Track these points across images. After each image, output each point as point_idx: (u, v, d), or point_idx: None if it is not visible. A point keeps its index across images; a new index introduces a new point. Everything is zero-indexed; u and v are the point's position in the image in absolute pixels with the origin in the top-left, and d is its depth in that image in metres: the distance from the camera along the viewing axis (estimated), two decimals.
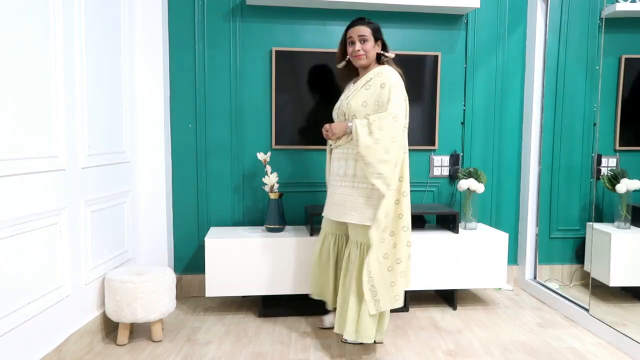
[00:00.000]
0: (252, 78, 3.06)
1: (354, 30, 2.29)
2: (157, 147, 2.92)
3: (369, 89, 2.23)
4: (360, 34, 2.27)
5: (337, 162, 2.35)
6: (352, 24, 2.32)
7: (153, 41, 2.86)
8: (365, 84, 2.26)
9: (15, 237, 1.83)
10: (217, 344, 2.44)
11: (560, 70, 3.15)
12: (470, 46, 3.19)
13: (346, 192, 2.27)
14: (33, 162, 1.92)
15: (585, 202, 3.21)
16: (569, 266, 3.28)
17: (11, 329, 1.81)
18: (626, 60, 2.98)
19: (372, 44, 2.28)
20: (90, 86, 2.33)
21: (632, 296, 2.98)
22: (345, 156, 2.30)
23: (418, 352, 2.37)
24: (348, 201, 2.26)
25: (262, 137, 3.09)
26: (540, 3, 3.13)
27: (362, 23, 2.29)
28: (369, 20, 2.31)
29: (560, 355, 2.35)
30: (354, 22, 2.31)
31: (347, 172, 2.28)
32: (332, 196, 2.37)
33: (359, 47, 2.26)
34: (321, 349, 2.39)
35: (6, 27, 1.76)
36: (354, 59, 2.32)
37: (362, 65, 2.31)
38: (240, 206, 3.12)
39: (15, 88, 1.82)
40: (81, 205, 2.27)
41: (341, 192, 2.29)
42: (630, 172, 2.91)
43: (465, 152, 3.25)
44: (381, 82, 2.21)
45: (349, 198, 2.26)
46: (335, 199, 2.33)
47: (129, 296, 2.32)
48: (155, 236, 2.95)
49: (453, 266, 2.85)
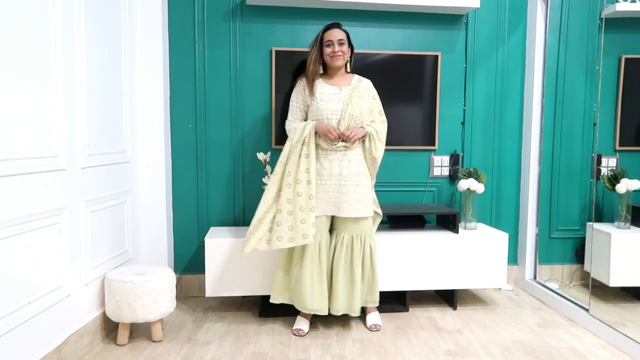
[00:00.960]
0: (252, 78, 3.06)
1: (332, 33, 2.51)
2: (157, 147, 2.92)
3: (362, 98, 2.55)
4: (339, 37, 2.50)
5: (339, 163, 2.51)
6: (329, 27, 2.54)
7: (153, 41, 2.86)
8: (357, 94, 2.54)
9: (15, 237, 1.83)
10: (217, 344, 2.44)
11: (560, 70, 3.15)
12: (470, 46, 3.19)
13: (360, 190, 2.52)
14: (33, 162, 1.92)
15: (585, 202, 3.21)
16: (569, 266, 3.28)
17: (11, 329, 1.81)
18: (626, 60, 2.98)
19: (347, 47, 2.54)
20: (90, 86, 2.33)
21: (632, 296, 2.98)
22: (351, 157, 2.52)
23: (418, 352, 2.38)
24: (363, 198, 2.52)
25: (262, 137, 3.10)
26: (540, 3, 3.13)
27: (339, 27, 2.55)
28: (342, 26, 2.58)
29: (560, 355, 2.35)
30: (330, 26, 2.54)
31: (358, 171, 2.52)
32: (340, 195, 2.49)
33: (338, 48, 2.49)
34: (321, 349, 2.39)
35: (6, 27, 1.77)
36: (331, 60, 2.52)
37: (339, 65, 2.55)
38: (240, 206, 3.12)
39: (15, 88, 1.82)
40: (81, 205, 2.27)
41: (354, 190, 2.51)
42: (630, 172, 2.91)
43: (465, 152, 3.25)
44: (372, 94, 2.61)
45: (363, 196, 2.52)
46: (347, 197, 2.50)
47: (129, 296, 2.32)
48: (155, 236, 2.95)
49: (453, 266, 2.85)
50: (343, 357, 2.32)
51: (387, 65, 3.08)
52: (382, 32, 3.12)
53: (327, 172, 2.50)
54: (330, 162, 2.50)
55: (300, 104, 2.61)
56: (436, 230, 2.99)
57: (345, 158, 2.51)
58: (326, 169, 2.51)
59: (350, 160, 2.51)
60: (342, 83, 2.57)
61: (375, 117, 2.59)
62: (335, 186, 2.50)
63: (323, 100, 2.52)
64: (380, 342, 2.48)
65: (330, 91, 2.54)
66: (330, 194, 2.51)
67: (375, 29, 3.11)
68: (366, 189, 2.55)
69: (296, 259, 2.54)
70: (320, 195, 2.51)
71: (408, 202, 3.22)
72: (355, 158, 2.53)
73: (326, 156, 2.51)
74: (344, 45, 2.51)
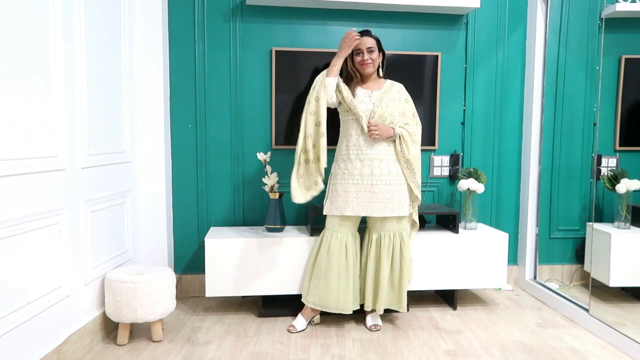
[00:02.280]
0: (252, 78, 3.06)
1: (362, 42, 2.54)
2: (157, 147, 2.92)
3: (394, 101, 2.58)
4: (368, 45, 2.54)
5: (370, 163, 2.54)
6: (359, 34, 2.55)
7: (153, 41, 2.86)
8: (389, 97, 2.57)
9: (15, 237, 1.83)
10: (217, 344, 2.44)
11: (560, 71, 3.15)
12: (470, 46, 3.19)
13: (393, 189, 2.54)
14: (33, 162, 1.92)
15: (585, 202, 3.21)
16: (569, 266, 3.28)
17: (11, 329, 1.81)
18: (626, 60, 2.98)
19: (377, 54, 2.57)
20: (91, 86, 2.33)
21: (632, 296, 2.98)
22: (382, 157, 2.54)
23: (418, 352, 2.38)
24: (396, 197, 2.55)
25: (262, 137, 3.10)
26: (540, 3, 3.13)
27: (369, 34, 2.58)
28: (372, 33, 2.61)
29: (560, 355, 2.35)
30: (361, 34, 2.56)
31: (390, 171, 2.55)
32: (372, 195, 2.52)
33: (367, 56, 2.53)
34: (321, 349, 2.40)
35: (6, 27, 1.76)
36: (361, 68, 2.56)
37: (369, 73, 2.58)
38: (240, 206, 3.12)
39: (15, 88, 1.82)
40: (81, 205, 2.27)
41: (387, 190, 2.54)
42: (630, 172, 2.91)
43: (465, 152, 3.25)
44: (405, 97, 2.64)
45: (396, 195, 2.55)
46: (379, 196, 2.53)
47: (129, 296, 2.32)
48: (155, 236, 2.95)
49: (453, 266, 2.85)
50: (343, 357, 2.32)
51: (387, 65, 3.06)
52: (382, 32, 3.11)
53: (358, 171, 2.54)
54: (362, 162, 2.53)
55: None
56: (436, 230, 2.99)
57: (376, 158, 2.53)
58: (357, 169, 2.54)
59: (381, 161, 2.53)
60: (374, 87, 2.61)
61: (408, 120, 2.61)
62: (367, 186, 2.53)
63: (354, 100, 2.54)
64: (380, 342, 2.48)
65: (362, 93, 2.58)
66: (363, 194, 2.54)
67: (375, 29, 3.10)
68: (399, 189, 2.56)
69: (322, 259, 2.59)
70: (351, 196, 2.54)
71: None
72: (387, 158, 2.55)
73: (357, 156, 2.54)
74: (373, 53, 2.55)
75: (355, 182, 2.54)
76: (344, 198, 2.54)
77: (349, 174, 2.55)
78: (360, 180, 2.53)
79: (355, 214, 2.55)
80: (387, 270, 2.59)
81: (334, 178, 2.61)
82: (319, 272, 2.59)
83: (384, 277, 2.58)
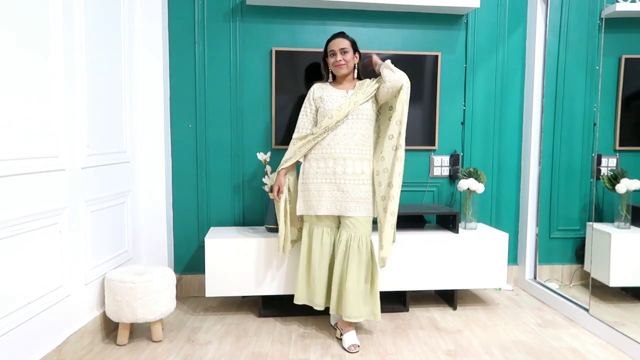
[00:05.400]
0: (252, 78, 3.06)
1: (335, 43, 2.52)
2: (157, 147, 2.92)
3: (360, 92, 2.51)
4: (341, 46, 2.51)
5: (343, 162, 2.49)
6: (332, 37, 2.55)
7: (153, 41, 2.86)
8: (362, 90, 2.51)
9: (15, 237, 1.83)
10: (217, 344, 2.44)
11: (560, 71, 3.15)
12: (470, 46, 3.19)
13: (365, 189, 2.50)
14: (33, 162, 1.92)
15: (585, 202, 3.21)
16: (569, 266, 3.28)
17: (11, 329, 1.81)
18: (626, 60, 2.98)
19: (351, 55, 2.52)
20: (90, 86, 2.33)
21: (632, 296, 2.98)
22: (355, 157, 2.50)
23: (418, 352, 2.38)
24: (370, 198, 2.52)
25: (262, 137, 3.10)
26: (540, 3, 3.13)
27: (343, 36, 2.55)
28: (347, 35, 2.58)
29: (560, 355, 2.35)
30: (334, 35, 2.55)
31: (363, 171, 2.50)
32: (344, 194, 2.48)
33: (340, 57, 2.51)
34: (321, 349, 2.39)
35: (6, 27, 1.77)
36: (335, 69, 2.54)
37: (344, 74, 2.55)
38: (240, 206, 3.12)
39: (15, 88, 1.82)
40: (81, 205, 2.27)
41: (360, 190, 2.49)
42: (630, 172, 2.91)
43: (465, 152, 3.25)
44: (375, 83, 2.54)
45: (370, 195, 2.52)
46: (352, 196, 2.48)
47: (129, 296, 2.32)
48: (155, 236, 2.95)
49: (453, 266, 2.85)
50: (343, 357, 2.32)
51: None
52: (382, 32, 3.12)
53: (331, 170, 2.49)
54: (335, 160, 2.49)
55: (310, 108, 2.59)
56: (436, 230, 2.99)
57: (349, 157, 2.48)
58: (330, 167, 2.49)
59: (354, 160, 2.48)
60: (349, 87, 2.58)
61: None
62: (340, 185, 2.48)
63: (330, 101, 2.53)
64: (380, 342, 2.48)
65: (337, 94, 2.55)
66: (335, 193, 2.49)
67: (375, 29, 3.11)
68: (372, 189, 2.52)
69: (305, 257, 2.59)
70: (325, 195, 2.50)
71: (408, 202, 3.22)
72: (360, 158, 2.49)
73: (330, 155, 2.50)
74: (347, 54, 2.50)
75: (328, 180, 2.49)
76: (317, 197, 2.50)
77: (322, 172, 2.50)
78: (333, 179, 2.49)
79: (328, 213, 2.51)
80: (355, 276, 2.43)
81: (305, 177, 2.54)
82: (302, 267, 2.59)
83: (351, 282, 2.42)
